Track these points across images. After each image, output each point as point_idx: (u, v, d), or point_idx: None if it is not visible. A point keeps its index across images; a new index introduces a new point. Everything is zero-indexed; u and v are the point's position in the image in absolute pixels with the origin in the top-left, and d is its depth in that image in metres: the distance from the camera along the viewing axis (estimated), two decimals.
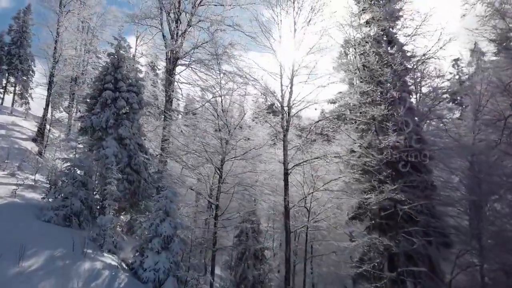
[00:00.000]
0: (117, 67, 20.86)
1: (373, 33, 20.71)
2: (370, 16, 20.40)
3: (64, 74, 31.80)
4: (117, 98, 20.19)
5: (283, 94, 18.09)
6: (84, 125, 19.60)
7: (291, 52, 18.18)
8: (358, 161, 16.78)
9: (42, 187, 20.09)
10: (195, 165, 21.19)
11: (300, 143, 17.62)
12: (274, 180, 20.23)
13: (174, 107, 24.46)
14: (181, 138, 22.75)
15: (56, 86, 31.45)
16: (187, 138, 21.68)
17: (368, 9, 19.70)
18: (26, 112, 42.46)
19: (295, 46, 18.05)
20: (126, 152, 19.81)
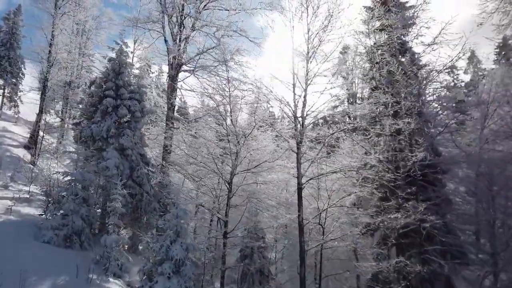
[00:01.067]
0: (118, 73, 19.79)
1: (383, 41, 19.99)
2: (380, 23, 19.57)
3: (59, 78, 30.47)
4: (119, 106, 19.11)
5: (296, 104, 17.19)
6: (84, 134, 18.45)
7: (304, 59, 17.31)
8: (375, 175, 15.93)
9: (37, 200, 18.91)
10: (200, 177, 20.21)
11: (314, 156, 16.69)
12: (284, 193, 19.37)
13: (176, 115, 23.39)
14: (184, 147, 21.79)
15: (50, 91, 30.10)
16: (192, 148, 20.66)
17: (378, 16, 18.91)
18: (17, 117, 40.90)
19: (309, 53, 17.19)
20: (127, 163, 18.72)
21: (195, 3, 23.09)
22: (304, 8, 17.59)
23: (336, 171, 16.21)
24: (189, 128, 21.60)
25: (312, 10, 17.35)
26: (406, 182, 15.34)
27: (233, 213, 19.23)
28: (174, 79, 23.11)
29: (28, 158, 27.22)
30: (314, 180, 16.80)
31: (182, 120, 22.98)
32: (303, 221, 15.95)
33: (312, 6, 17.33)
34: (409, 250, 16.15)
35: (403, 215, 13.77)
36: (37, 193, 20.40)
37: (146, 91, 20.76)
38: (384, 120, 16.03)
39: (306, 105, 16.89)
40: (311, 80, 16.65)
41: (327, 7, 16.79)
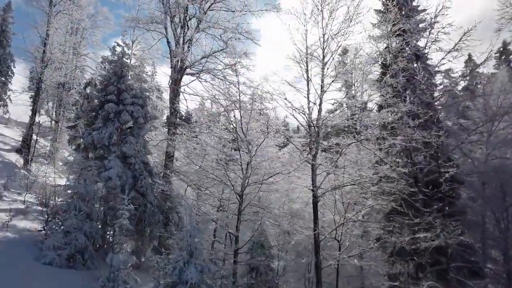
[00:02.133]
0: (120, 76, 18.73)
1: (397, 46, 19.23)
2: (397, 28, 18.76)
3: (53, 79, 29.18)
4: (121, 112, 18.06)
5: (310, 112, 16.34)
6: (85, 142, 17.37)
7: (319, 64, 16.46)
8: (394, 188, 15.13)
9: (33, 211, 17.80)
10: (205, 186, 19.24)
11: (329, 167, 15.83)
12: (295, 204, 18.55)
13: (179, 120, 22.38)
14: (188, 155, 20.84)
15: (43, 92, 28.80)
16: (197, 156, 19.70)
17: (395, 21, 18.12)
18: (8, 117, 39.42)
19: (325, 58, 16.35)
20: (130, 172, 17.70)
21: (199, 4, 22.09)
22: (319, 11, 16.76)
23: (355, 183, 15.37)
24: (194, 134, 20.63)
25: (328, 13, 16.50)
26: (425, 195, 14.62)
27: (248, 228, 18.38)
28: (177, 82, 22.12)
29: (21, 163, 25.96)
30: (331, 193, 15.92)
31: (186, 125, 21.94)
32: (319, 237, 15.10)
33: (328, 10, 16.47)
34: (429, 267, 15.46)
35: (433, 234, 12.94)
36: (32, 202, 19.28)
37: (149, 96, 19.70)
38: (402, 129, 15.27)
39: (322, 113, 16.03)
40: (328, 86, 15.79)
41: (346, 10, 15.91)
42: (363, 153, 16.56)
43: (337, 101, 44.95)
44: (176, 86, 21.98)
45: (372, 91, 20.52)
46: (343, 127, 17.89)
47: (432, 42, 18.59)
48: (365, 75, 20.39)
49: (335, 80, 16.11)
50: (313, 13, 16.72)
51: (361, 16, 16.04)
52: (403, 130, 15.36)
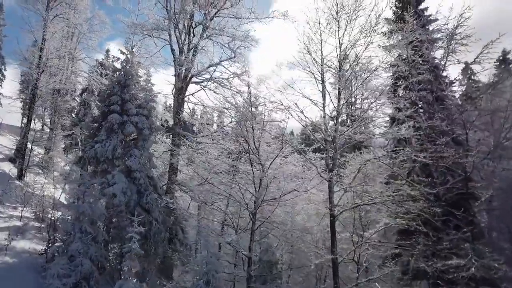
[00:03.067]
0: (124, 86, 17.81)
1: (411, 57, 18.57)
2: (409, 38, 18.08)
3: (50, 86, 28.04)
4: (125, 123, 17.12)
5: (326, 126, 15.60)
6: (87, 155, 16.37)
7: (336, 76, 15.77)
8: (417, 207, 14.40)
9: (31, 228, 16.77)
10: (212, 201, 18.41)
11: (346, 183, 15.07)
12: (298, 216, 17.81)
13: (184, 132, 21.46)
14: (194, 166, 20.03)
15: (39, 99, 27.60)
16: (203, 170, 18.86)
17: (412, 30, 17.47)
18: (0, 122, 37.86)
19: (342, 70, 15.65)
20: (135, 187, 16.74)
21: (206, 10, 21.27)
22: (335, 20, 16.06)
23: (375, 202, 14.59)
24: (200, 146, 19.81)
25: (345, 23, 15.82)
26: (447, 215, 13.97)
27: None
28: (181, 91, 21.24)
29: (15, 173, 24.80)
30: (349, 211, 15.15)
31: (190, 136, 21.06)
32: (338, 258, 14.30)
33: (345, 19, 15.80)
34: None
35: (467, 261, 12.18)
36: (29, 218, 18.23)
37: (154, 106, 18.79)
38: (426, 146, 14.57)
39: (339, 127, 15.28)
40: (348, 99, 15.04)
41: (366, 19, 15.25)
42: (380, 169, 15.81)
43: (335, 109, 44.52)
44: (180, 95, 21.07)
45: (375, 100, 19.50)
46: (359, 142, 17.17)
47: (449, 54, 18.02)
48: (365, 84, 19.42)
49: (354, 94, 15.29)
50: (329, 22, 16.09)
51: (380, 25, 15.47)
52: (425, 146, 14.65)
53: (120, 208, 15.34)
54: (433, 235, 14.41)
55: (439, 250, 14.42)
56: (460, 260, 12.16)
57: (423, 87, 17.74)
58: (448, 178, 16.38)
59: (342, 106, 15.36)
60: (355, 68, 15.42)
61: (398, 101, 16.36)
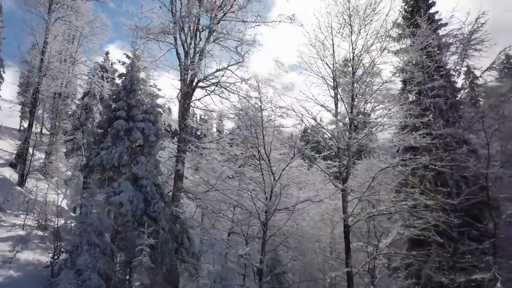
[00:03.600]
0: (130, 91, 17.37)
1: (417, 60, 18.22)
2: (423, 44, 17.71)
3: (51, 90, 27.57)
4: (131, 129, 16.65)
5: (339, 133, 15.19)
6: (93, 163, 15.89)
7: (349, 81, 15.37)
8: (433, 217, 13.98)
9: (34, 238, 16.30)
10: (220, 209, 17.98)
11: (361, 192, 14.63)
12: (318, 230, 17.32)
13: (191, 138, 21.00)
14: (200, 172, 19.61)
15: (40, 104, 27.09)
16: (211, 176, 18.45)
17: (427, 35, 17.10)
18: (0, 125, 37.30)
19: (355, 75, 15.27)
20: (141, 195, 16.25)
21: (212, 13, 20.85)
22: (347, 24, 15.69)
23: (391, 212, 14.17)
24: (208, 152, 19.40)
25: (358, 27, 15.44)
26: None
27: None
28: (187, 96, 20.78)
29: (16, 179, 24.30)
30: (364, 221, 14.72)
31: (196, 141, 20.63)
32: (352, 270, 13.86)
33: (358, 23, 15.42)
34: None
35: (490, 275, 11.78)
36: (32, 226, 17.76)
37: (161, 111, 18.35)
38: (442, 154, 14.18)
39: (353, 135, 14.86)
40: (362, 106, 14.65)
41: (379, 25, 14.88)
42: (392, 177, 15.41)
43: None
44: (186, 100, 20.62)
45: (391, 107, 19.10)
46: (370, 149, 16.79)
47: (462, 59, 17.71)
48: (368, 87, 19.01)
49: (369, 101, 14.87)
50: (342, 26, 15.72)
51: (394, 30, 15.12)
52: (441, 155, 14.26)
53: (127, 217, 14.88)
54: (448, 245, 14.03)
55: (458, 262, 14.06)
56: (483, 274, 11.72)
57: (437, 93, 17.42)
58: (463, 186, 16.05)
59: (355, 113, 14.90)
60: (369, 73, 14.96)
61: (411, 107, 15.93)
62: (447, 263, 14.44)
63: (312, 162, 15.62)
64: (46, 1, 26.70)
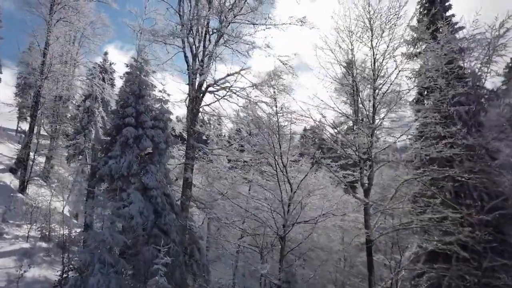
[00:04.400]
0: (138, 96, 16.65)
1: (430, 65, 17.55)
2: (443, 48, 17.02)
3: (53, 93, 26.76)
4: (141, 137, 15.93)
5: (360, 144, 14.50)
6: (101, 173, 15.16)
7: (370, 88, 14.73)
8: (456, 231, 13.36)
9: (39, 250, 15.56)
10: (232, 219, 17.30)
11: (383, 205, 13.97)
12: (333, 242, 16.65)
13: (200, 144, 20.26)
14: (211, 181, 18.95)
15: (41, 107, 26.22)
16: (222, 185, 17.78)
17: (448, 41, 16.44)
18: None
19: (376, 81, 14.62)
20: (151, 206, 15.52)
21: (222, 16, 20.13)
22: (367, 28, 15.04)
23: (418, 226, 13.51)
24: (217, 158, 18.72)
25: (380, 30, 14.79)
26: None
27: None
28: (196, 101, 20.08)
29: (16, 185, 23.50)
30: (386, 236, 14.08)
31: (205, 148, 19.93)
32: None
33: (381, 26, 14.76)
34: None
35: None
36: (35, 237, 17.02)
37: (170, 117, 17.64)
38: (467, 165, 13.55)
39: (374, 145, 14.21)
40: (386, 114, 13.99)
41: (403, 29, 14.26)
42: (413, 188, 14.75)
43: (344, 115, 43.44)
44: (195, 106, 19.92)
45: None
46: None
47: (484, 65, 17.09)
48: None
49: (391, 110, 14.20)
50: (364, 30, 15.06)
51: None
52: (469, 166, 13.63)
53: (138, 231, 14.16)
54: (473, 260, 13.43)
55: (483, 277, 13.44)
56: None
57: (458, 100, 16.81)
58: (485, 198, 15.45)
59: (379, 121, 14.24)
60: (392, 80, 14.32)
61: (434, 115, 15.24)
62: (471, 278, 13.82)
63: (332, 172, 14.92)
64: (48, 1, 25.95)
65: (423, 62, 19.30)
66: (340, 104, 16.14)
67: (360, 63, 15.17)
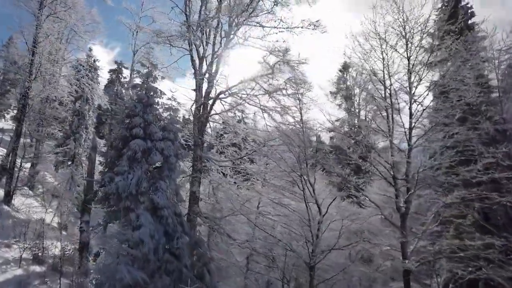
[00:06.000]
0: (146, 105, 15.09)
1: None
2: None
3: (43, 95, 24.69)
4: (150, 150, 14.39)
5: (394, 162, 13.31)
6: (107, 191, 13.52)
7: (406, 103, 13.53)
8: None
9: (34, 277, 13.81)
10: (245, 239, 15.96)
11: (423, 229, 12.81)
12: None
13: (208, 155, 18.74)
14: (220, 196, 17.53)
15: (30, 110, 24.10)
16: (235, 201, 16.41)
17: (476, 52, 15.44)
18: None
19: (413, 94, 13.45)
20: (161, 227, 13.96)
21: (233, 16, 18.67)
22: (401, 36, 13.87)
23: (460, 254, 12.39)
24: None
25: (419, 37, 13.62)
26: None
27: None
28: (205, 109, 18.55)
29: (0, 195, 21.47)
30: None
31: (213, 160, 18.46)
32: None
33: (415, 33, 13.60)
34: None
35: None
36: (27, 259, 15.25)
37: (180, 128, 16.11)
38: None
39: (412, 163, 13.02)
40: (425, 133, 12.82)
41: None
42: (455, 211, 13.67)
43: (339, 119, 42.46)
44: (203, 113, 18.42)
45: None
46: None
47: None
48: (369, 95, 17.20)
49: (434, 128, 13.01)
50: (397, 38, 13.86)
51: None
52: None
53: (149, 257, 12.64)
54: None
55: None
56: None
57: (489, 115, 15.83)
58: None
59: (417, 139, 13.05)
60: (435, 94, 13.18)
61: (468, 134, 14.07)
62: None
63: (363, 195, 13.67)
64: None
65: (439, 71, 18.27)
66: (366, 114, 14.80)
67: (393, 73, 13.90)
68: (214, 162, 18.47)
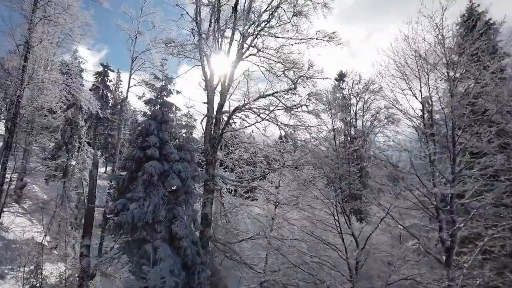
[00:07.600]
0: (161, 122, 13.75)
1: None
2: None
3: (36, 104, 22.86)
4: (167, 173, 13.02)
5: (438, 194, 12.25)
6: (120, 220, 12.06)
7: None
8: None
9: None
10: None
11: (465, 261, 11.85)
12: None
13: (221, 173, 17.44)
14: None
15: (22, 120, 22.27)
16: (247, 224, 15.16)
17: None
18: None
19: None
20: (180, 259, 12.65)
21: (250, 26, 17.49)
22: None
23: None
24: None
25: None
26: None
27: None
28: (218, 124, 17.26)
29: None
30: None
31: (230, 180, 17.17)
32: None
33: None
34: None
35: None
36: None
37: (196, 148, 14.78)
38: None
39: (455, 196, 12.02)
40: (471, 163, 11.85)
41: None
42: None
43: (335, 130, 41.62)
44: (216, 129, 17.14)
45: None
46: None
47: None
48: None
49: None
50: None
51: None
52: None
53: None
54: None
55: None
56: None
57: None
58: None
59: (460, 169, 12.05)
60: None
61: None
62: None
63: (401, 226, 12.56)
64: None
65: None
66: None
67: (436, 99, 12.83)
68: (229, 182, 17.17)
